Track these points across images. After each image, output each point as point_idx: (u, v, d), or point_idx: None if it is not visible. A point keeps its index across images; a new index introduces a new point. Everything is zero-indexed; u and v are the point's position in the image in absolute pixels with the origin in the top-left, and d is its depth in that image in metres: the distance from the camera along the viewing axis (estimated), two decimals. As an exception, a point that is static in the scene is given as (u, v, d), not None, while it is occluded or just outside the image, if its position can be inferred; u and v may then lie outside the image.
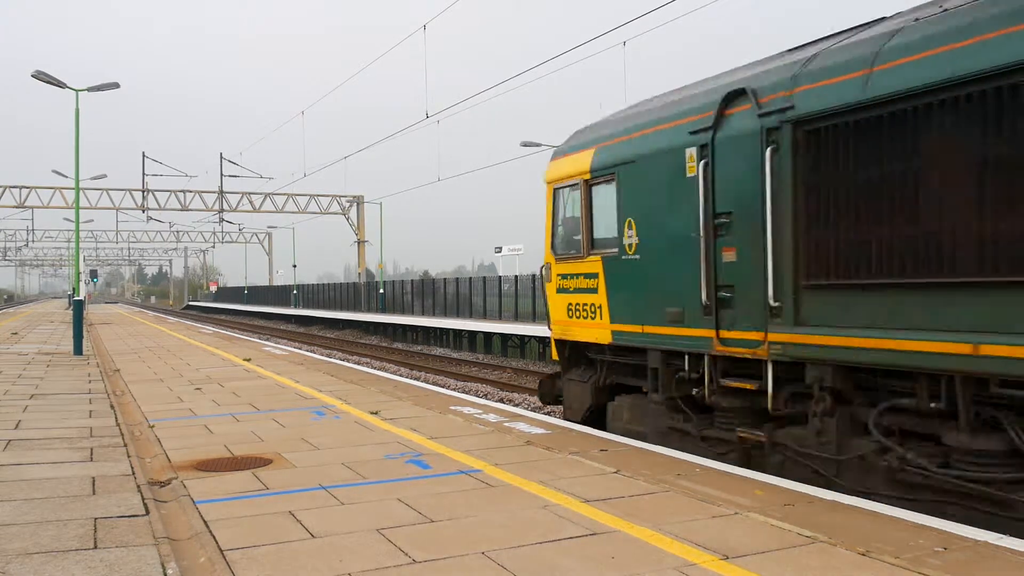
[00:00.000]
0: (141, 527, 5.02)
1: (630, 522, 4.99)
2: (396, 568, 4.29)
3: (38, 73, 19.03)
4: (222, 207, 41.86)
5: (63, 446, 7.62)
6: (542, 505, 5.43)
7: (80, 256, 22.34)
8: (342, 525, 5.07)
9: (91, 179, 38.09)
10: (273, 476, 6.42)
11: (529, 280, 32.03)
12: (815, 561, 4.29)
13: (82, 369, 15.15)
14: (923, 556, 4.30)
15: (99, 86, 20.08)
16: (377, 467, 6.65)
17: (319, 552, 4.57)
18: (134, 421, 9.24)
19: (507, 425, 8.42)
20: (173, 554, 4.57)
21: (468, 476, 6.28)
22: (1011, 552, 4.35)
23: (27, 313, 53.67)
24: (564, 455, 6.93)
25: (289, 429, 8.48)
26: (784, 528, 4.83)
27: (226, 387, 12.12)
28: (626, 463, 6.57)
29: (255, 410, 9.86)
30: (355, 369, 14.60)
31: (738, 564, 4.25)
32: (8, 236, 73.34)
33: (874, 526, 4.85)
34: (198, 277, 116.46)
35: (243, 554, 4.55)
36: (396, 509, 5.40)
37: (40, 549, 4.62)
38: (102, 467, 6.71)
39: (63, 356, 18.19)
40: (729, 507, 5.28)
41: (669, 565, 4.27)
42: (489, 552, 4.51)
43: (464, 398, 10.60)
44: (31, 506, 5.52)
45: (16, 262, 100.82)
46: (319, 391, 11.43)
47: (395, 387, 11.76)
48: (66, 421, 9.07)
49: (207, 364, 15.84)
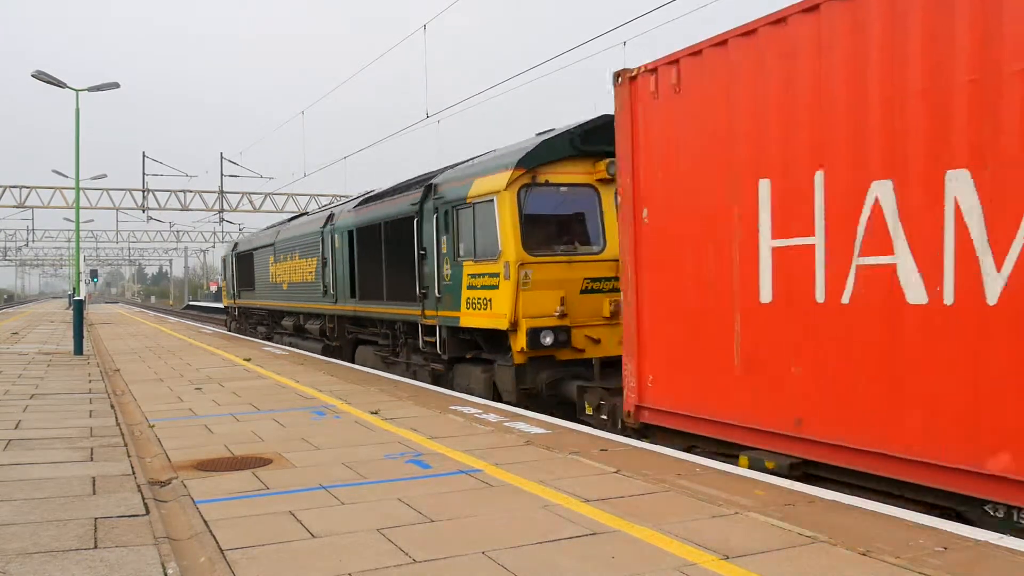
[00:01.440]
0: (141, 527, 5.02)
1: (630, 522, 5.00)
2: (396, 568, 4.29)
3: (38, 73, 19.03)
4: (222, 207, 41.80)
5: (63, 446, 7.62)
6: (542, 505, 5.43)
7: (80, 256, 22.34)
8: (342, 525, 5.07)
9: (91, 179, 38.06)
10: (273, 476, 6.42)
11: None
12: (815, 561, 4.29)
13: (82, 369, 15.15)
14: (923, 556, 4.30)
15: (99, 86, 20.08)
16: (377, 467, 6.65)
17: (319, 552, 4.57)
18: (134, 421, 9.25)
19: (507, 425, 8.42)
20: (173, 554, 4.57)
21: (468, 476, 6.28)
22: (1011, 552, 4.35)
23: (27, 313, 53.67)
24: (564, 455, 6.94)
25: (289, 429, 8.48)
26: (784, 528, 4.83)
27: (226, 387, 12.12)
28: (626, 463, 6.57)
29: (255, 410, 9.87)
30: (355, 369, 14.59)
31: (738, 564, 4.25)
32: (8, 236, 73.28)
33: (874, 526, 4.85)
34: (198, 277, 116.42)
35: (243, 554, 4.55)
36: (396, 509, 5.40)
37: (40, 549, 4.62)
38: (102, 467, 6.72)
39: (63, 356, 18.19)
40: (729, 507, 5.28)
41: (669, 565, 4.27)
42: (489, 552, 4.51)
43: (464, 398, 10.59)
44: (31, 506, 5.52)
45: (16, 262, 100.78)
46: (319, 391, 11.44)
47: (395, 387, 11.75)
48: (66, 421, 9.07)
49: (207, 364, 15.84)
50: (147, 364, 16.07)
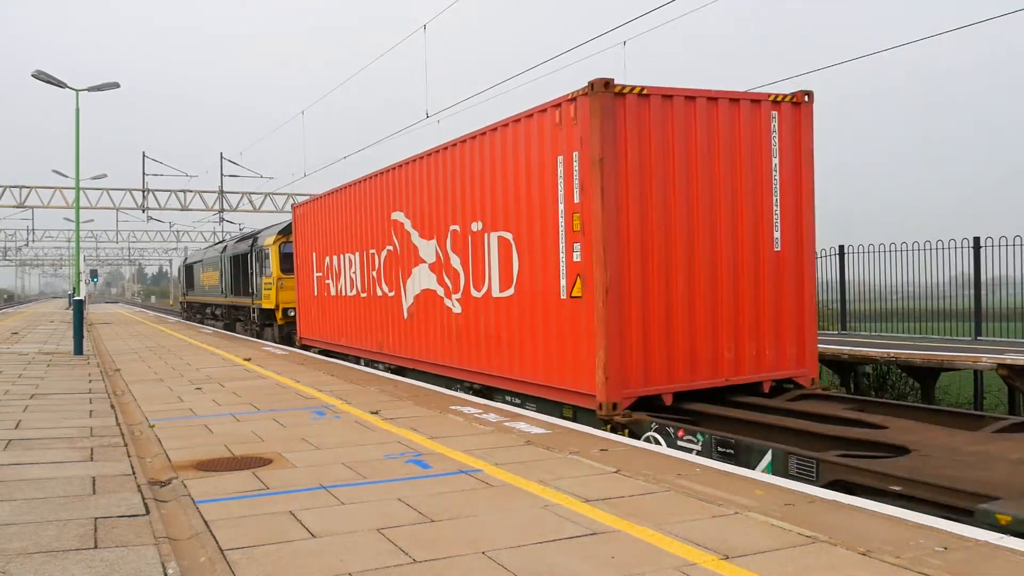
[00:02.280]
0: (141, 527, 5.02)
1: (630, 522, 5.00)
2: (396, 568, 4.29)
3: (38, 73, 19.03)
4: (222, 207, 41.74)
5: (63, 446, 7.62)
6: (542, 505, 5.43)
7: (80, 256, 22.33)
8: (342, 525, 5.07)
9: (91, 179, 38.04)
10: (273, 476, 6.42)
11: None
12: (815, 561, 4.29)
13: (82, 369, 15.15)
14: (923, 556, 4.30)
15: (99, 86, 20.07)
16: (377, 467, 6.65)
17: (319, 552, 4.57)
18: (134, 421, 9.25)
19: (507, 425, 8.42)
20: (173, 554, 4.57)
21: (468, 476, 6.28)
22: (1011, 552, 4.35)
23: (27, 313, 53.65)
24: (564, 455, 6.94)
25: (289, 429, 8.48)
26: (784, 528, 4.83)
27: (226, 387, 12.13)
28: (626, 463, 6.57)
29: (255, 410, 9.87)
30: (355, 369, 14.59)
31: (738, 564, 4.25)
32: (8, 236, 73.21)
33: (874, 526, 4.85)
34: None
35: (243, 554, 4.55)
36: (396, 509, 5.40)
37: (40, 549, 4.62)
38: (102, 467, 6.72)
39: (63, 356, 18.19)
40: (729, 507, 5.28)
41: (669, 565, 4.27)
42: (489, 552, 4.51)
43: (464, 398, 10.60)
44: (31, 506, 5.52)
45: (16, 262, 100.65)
46: (319, 391, 11.44)
47: (395, 387, 11.76)
48: (66, 421, 9.07)
49: (207, 364, 15.84)
50: (147, 364, 16.07)
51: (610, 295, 8.68)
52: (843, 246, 19.20)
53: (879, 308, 19.15)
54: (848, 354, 14.66)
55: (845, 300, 19.34)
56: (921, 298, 17.57)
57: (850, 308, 19.44)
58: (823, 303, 20.16)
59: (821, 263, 19.25)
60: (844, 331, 19.11)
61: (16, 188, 38.39)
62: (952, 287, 17.33)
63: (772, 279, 9.64)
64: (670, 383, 9.06)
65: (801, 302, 9.85)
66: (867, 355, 14.40)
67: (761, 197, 9.55)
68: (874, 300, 19.22)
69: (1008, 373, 12.10)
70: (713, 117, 9.26)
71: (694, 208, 9.17)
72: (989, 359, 12.37)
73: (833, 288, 19.75)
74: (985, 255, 16.03)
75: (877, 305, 19.17)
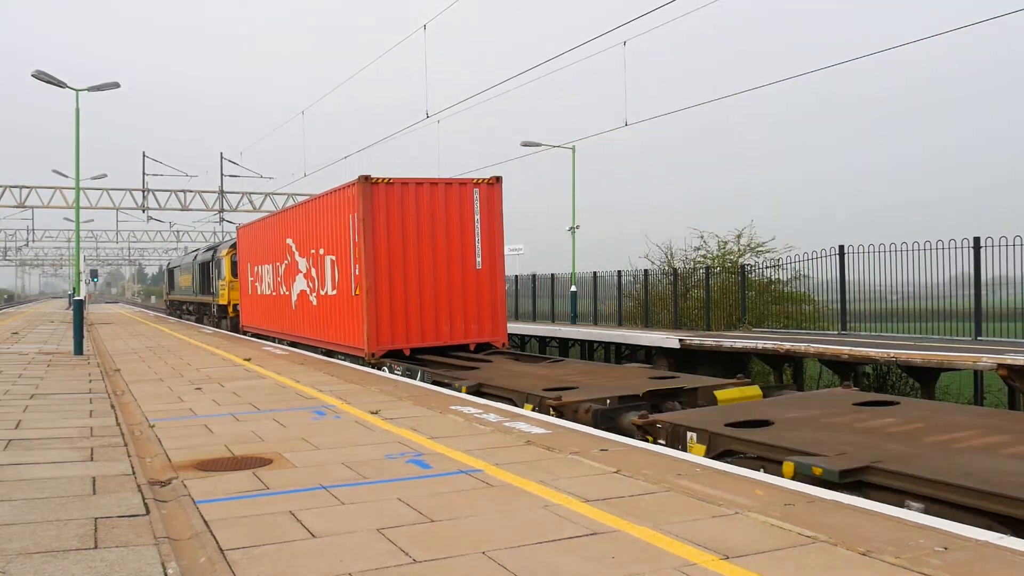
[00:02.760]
0: (141, 527, 5.02)
1: (630, 522, 5.00)
2: (397, 568, 4.29)
3: (38, 73, 19.02)
4: (222, 207, 41.72)
5: (63, 446, 7.62)
6: (542, 505, 5.43)
7: (80, 256, 22.35)
8: (343, 525, 5.07)
9: (91, 179, 38.02)
10: (273, 476, 6.42)
11: (529, 280, 32.01)
12: (815, 561, 4.29)
13: (82, 369, 15.16)
14: (923, 556, 4.30)
15: (99, 86, 20.06)
16: (377, 467, 6.66)
17: (320, 552, 4.57)
18: (134, 421, 9.25)
19: (507, 425, 8.42)
20: (173, 554, 4.57)
21: (468, 476, 6.28)
22: (1012, 552, 4.35)
23: (27, 313, 53.64)
24: (564, 455, 6.94)
25: (289, 429, 8.48)
26: (784, 528, 4.83)
27: (226, 387, 12.13)
28: (626, 463, 6.57)
29: (255, 410, 9.87)
30: (356, 369, 14.60)
31: (738, 564, 4.25)
32: (8, 236, 73.17)
33: (874, 526, 4.85)
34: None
35: (244, 554, 4.55)
36: (397, 509, 5.40)
37: (40, 549, 4.62)
38: (102, 467, 6.72)
39: (63, 356, 18.19)
40: (729, 507, 5.28)
41: (669, 565, 4.27)
42: (489, 552, 4.51)
43: (464, 398, 10.60)
44: (31, 506, 5.52)
45: (16, 262, 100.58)
46: (319, 391, 11.44)
47: (395, 387, 11.76)
48: (66, 421, 9.07)
49: (207, 364, 15.84)
50: (147, 364, 16.07)
51: (370, 294, 15.46)
52: (843, 246, 19.22)
53: (879, 308, 19.17)
54: (848, 354, 14.67)
55: (845, 300, 19.34)
56: (921, 298, 17.58)
57: (850, 308, 19.45)
58: (823, 303, 21.46)
59: (821, 263, 20.11)
60: (844, 331, 19.11)
61: (16, 188, 38.40)
62: (952, 287, 17.34)
63: (474, 284, 16.17)
64: (407, 343, 15.71)
65: (494, 298, 16.43)
66: (867, 355, 14.40)
67: (467, 237, 16.06)
68: (874, 300, 19.24)
69: (1008, 373, 12.11)
70: (437, 193, 15.88)
71: (423, 245, 15.75)
72: (989, 359, 12.37)
73: (833, 288, 19.79)
74: (985, 255, 16.04)
75: (877, 305, 19.19)
